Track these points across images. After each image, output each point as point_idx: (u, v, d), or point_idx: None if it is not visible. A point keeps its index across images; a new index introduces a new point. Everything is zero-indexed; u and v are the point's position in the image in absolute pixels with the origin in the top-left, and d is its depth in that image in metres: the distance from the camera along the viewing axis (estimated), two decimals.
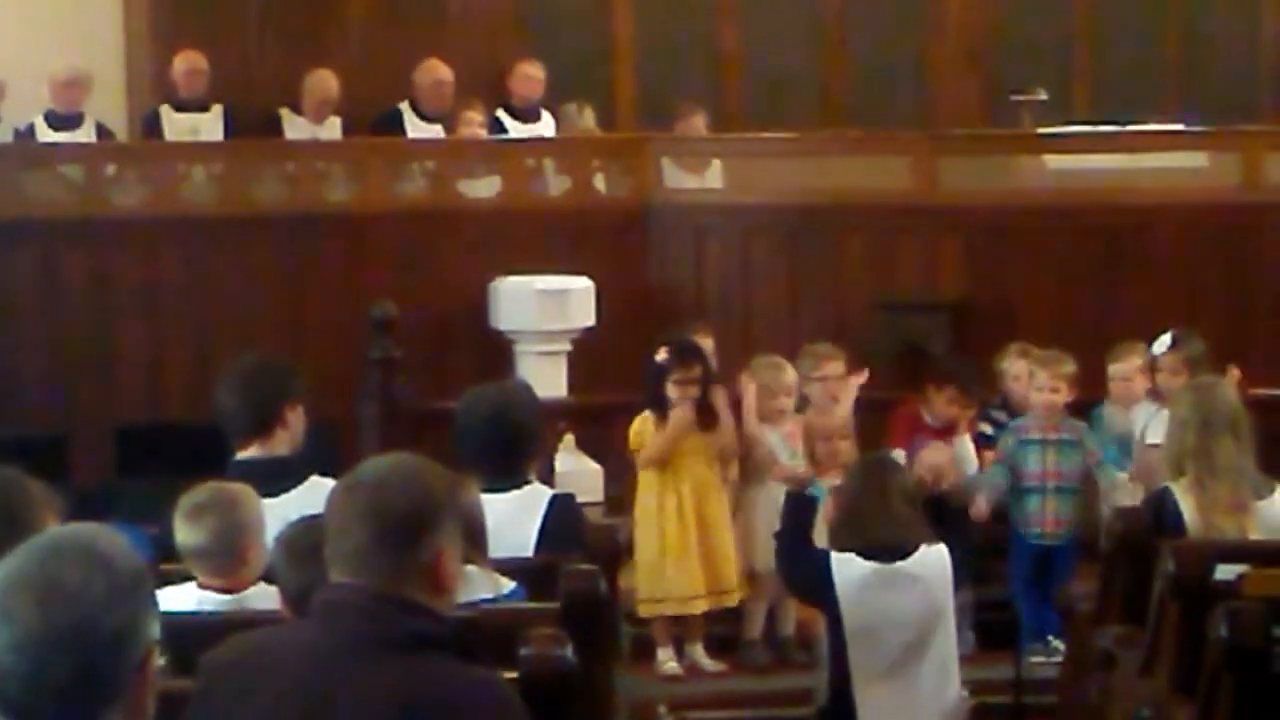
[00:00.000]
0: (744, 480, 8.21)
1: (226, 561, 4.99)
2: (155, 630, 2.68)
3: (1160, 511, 6.30)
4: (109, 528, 2.92)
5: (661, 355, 7.92)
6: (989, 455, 8.59)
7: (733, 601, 8.13)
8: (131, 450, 9.90)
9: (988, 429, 8.70)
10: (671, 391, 7.91)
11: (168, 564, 5.20)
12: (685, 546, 7.97)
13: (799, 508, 6.43)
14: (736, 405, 8.14)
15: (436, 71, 11.71)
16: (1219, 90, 12.76)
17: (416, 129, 11.61)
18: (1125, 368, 8.61)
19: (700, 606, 8.08)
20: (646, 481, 8.08)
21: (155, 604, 2.70)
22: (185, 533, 5.01)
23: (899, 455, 7.81)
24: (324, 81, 11.63)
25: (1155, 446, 7.86)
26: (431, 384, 9.43)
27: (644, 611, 8.11)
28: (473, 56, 12.14)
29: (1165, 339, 8.52)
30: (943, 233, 10.83)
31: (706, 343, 8.35)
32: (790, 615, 8.26)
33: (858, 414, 8.42)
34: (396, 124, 11.63)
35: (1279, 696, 4.86)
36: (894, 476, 6.26)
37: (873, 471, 6.35)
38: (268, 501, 5.15)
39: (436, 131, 11.57)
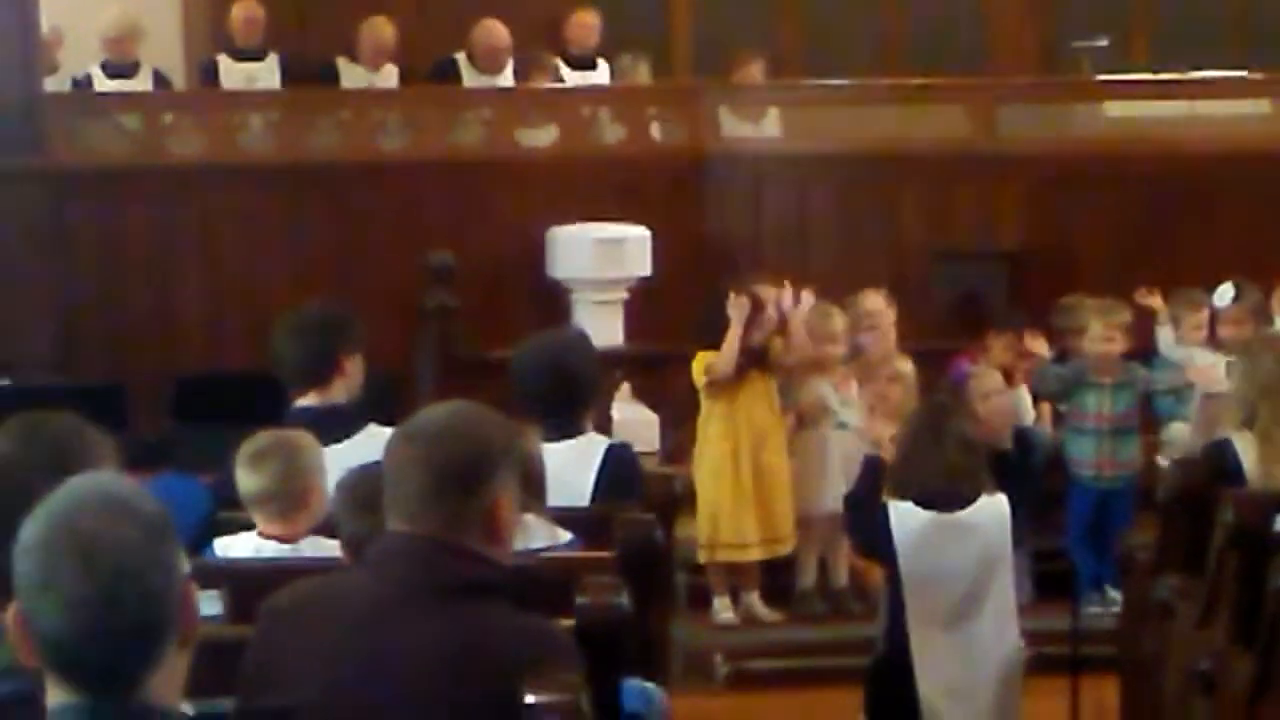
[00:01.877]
0: (797, 426, 8.20)
1: (288, 506, 5.01)
2: (186, 563, 2.70)
3: (1220, 462, 6.28)
4: (116, 474, 2.93)
5: (732, 302, 7.86)
6: (1046, 408, 8.58)
7: (786, 550, 8.13)
8: (190, 399, 9.93)
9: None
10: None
11: (226, 511, 5.23)
12: (741, 493, 7.98)
13: (871, 470, 6.39)
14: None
15: (492, 35, 11.59)
16: None
17: (472, 79, 11.58)
18: (1204, 317, 8.55)
19: (754, 554, 8.08)
20: (707, 430, 8.05)
21: (178, 537, 2.71)
22: (247, 478, 5.03)
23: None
24: (380, 29, 11.61)
25: (1221, 396, 7.86)
26: (488, 333, 9.43)
27: (702, 557, 8.11)
28: (529, 4, 12.10)
29: (1227, 290, 8.47)
30: (1001, 181, 10.78)
31: (775, 290, 8.23)
32: (844, 565, 8.26)
33: (917, 365, 8.39)
34: (453, 73, 11.61)
35: None
36: (949, 422, 6.20)
37: (927, 418, 6.31)
38: (325, 450, 5.17)
39: (493, 82, 11.54)
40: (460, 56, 11.66)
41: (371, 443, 5.02)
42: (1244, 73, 11.42)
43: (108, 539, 2.60)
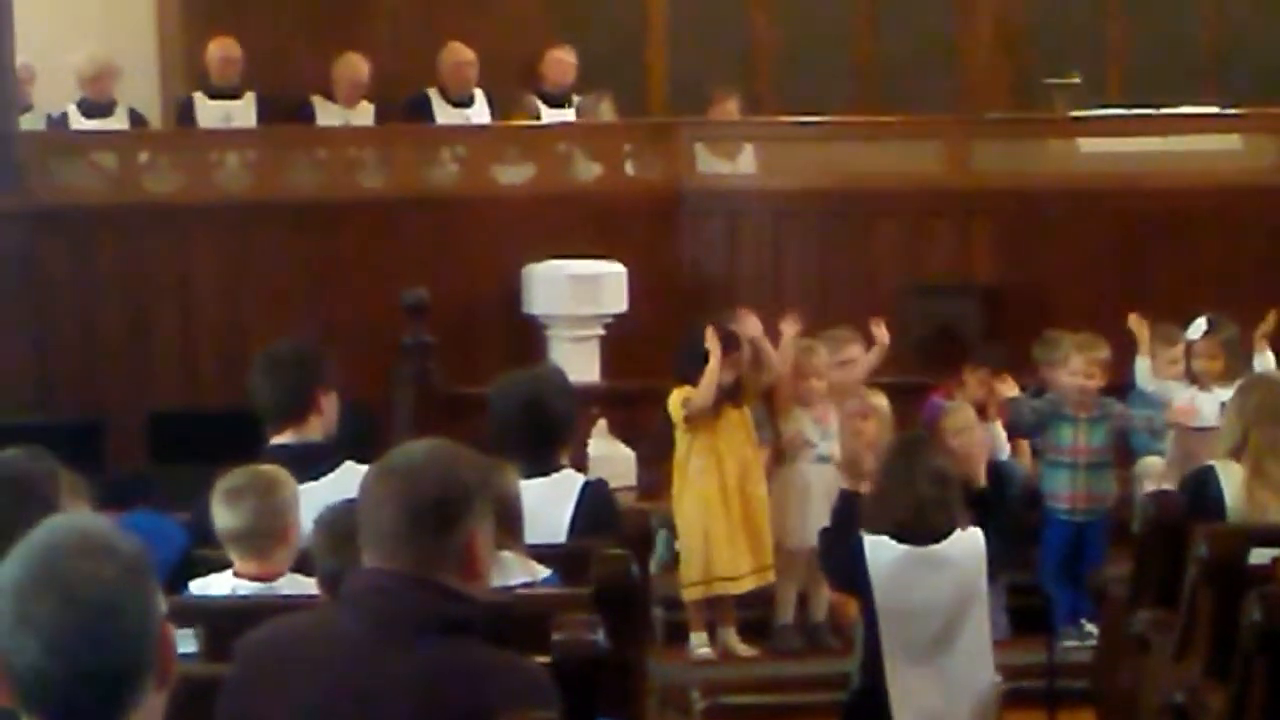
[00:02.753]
0: (775, 460, 8.22)
1: (266, 543, 5.01)
2: (163, 602, 2.71)
3: (1200, 491, 6.30)
4: (94, 514, 2.92)
5: (709, 339, 7.88)
6: (1024, 445, 8.60)
7: (772, 578, 8.14)
8: (165, 437, 9.92)
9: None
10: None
11: (201, 550, 5.23)
12: (733, 525, 7.99)
13: (846, 503, 6.40)
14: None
15: (458, 53, 11.72)
16: (1253, 72, 12.71)
17: (445, 114, 11.62)
18: (1179, 352, 8.59)
19: (747, 585, 8.09)
20: (688, 466, 8.05)
21: (156, 576, 2.71)
22: (224, 516, 5.03)
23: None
24: (354, 65, 11.65)
25: (1198, 431, 7.90)
26: (464, 370, 9.44)
27: (689, 596, 8.11)
28: (505, 41, 12.14)
29: (1200, 323, 8.50)
30: (975, 216, 10.82)
31: (752, 320, 8.25)
32: (823, 600, 8.27)
33: (891, 399, 8.41)
34: (425, 109, 11.64)
35: None
36: (921, 457, 6.22)
37: (900, 452, 6.33)
38: (302, 487, 5.17)
39: (465, 116, 11.59)
40: (432, 91, 11.69)
41: (348, 479, 5.01)
42: (1216, 109, 11.47)
43: (87, 578, 2.60)
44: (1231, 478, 6.31)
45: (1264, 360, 8.49)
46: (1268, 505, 6.21)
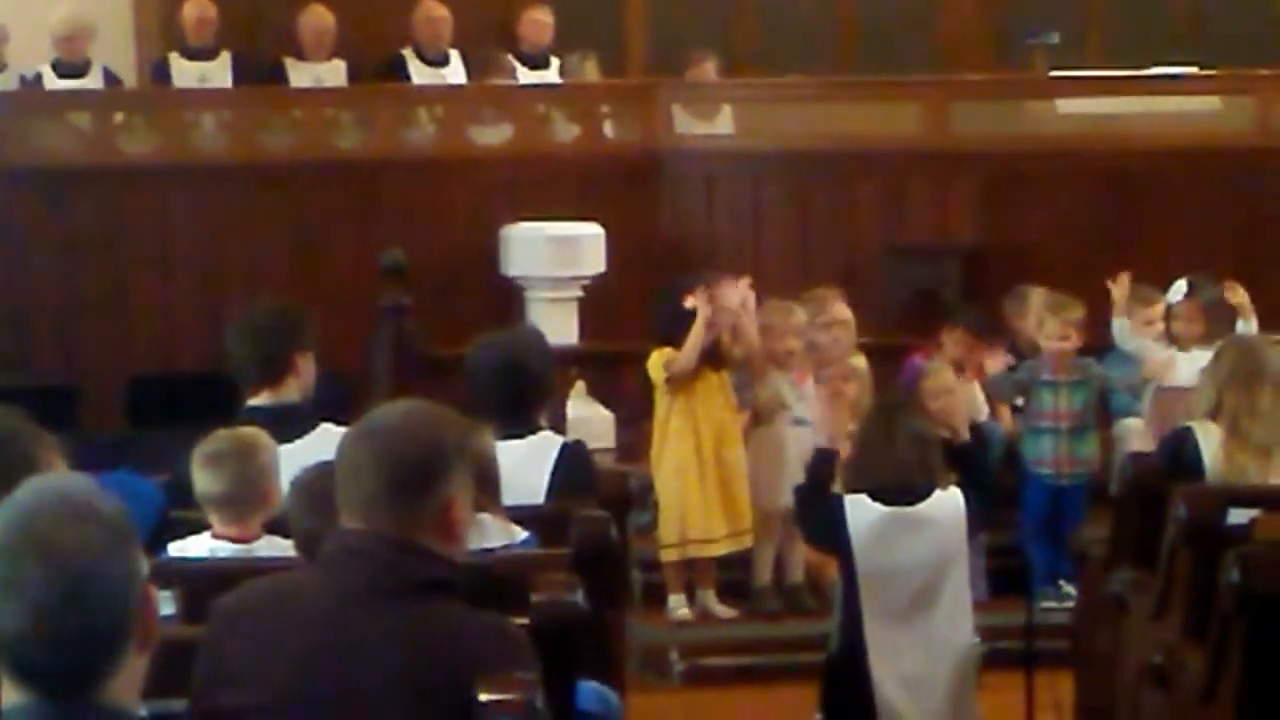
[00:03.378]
0: (751, 421, 8.21)
1: (245, 507, 4.99)
2: (145, 564, 2.69)
3: (1178, 451, 6.30)
4: (76, 474, 2.91)
5: (690, 302, 7.86)
6: (1004, 409, 8.60)
7: (749, 542, 8.14)
8: (143, 400, 9.90)
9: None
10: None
11: (179, 512, 5.21)
12: (708, 488, 7.98)
13: (822, 461, 6.40)
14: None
15: (430, 8, 11.64)
16: (1231, 34, 12.70)
17: (420, 74, 11.56)
18: (1155, 312, 8.59)
19: (722, 548, 8.08)
20: (668, 427, 8.04)
21: (138, 538, 2.70)
22: (204, 480, 5.01)
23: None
24: (318, 14, 11.56)
25: (1174, 390, 7.90)
26: (443, 331, 9.42)
27: (670, 556, 8.11)
28: (481, 1, 12.08)
29: (1181, 285, 8.51)
30: (954, 178, 10.81)
31: (732, 290, 8.22)
32: (799, 561, 8.28)
33: (871, 361, 8.41)
34: (400, 70, 11.58)
35: None
36: (900, 417, 6.21)
37: (879, 413, 6.33)
38: (280, 449, 5.15)
39: (441, 77, 11.53)
40: (407, 52, 11.63)
41: (325, 441, 5.00)
42: (1196, 69, 11.47)
43: (69, 540, 2.59)
44: (1209, 439, 6.31)
45: (1248, 326, 8.49)
46: (1246, 466, 6.22)
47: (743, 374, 8.20)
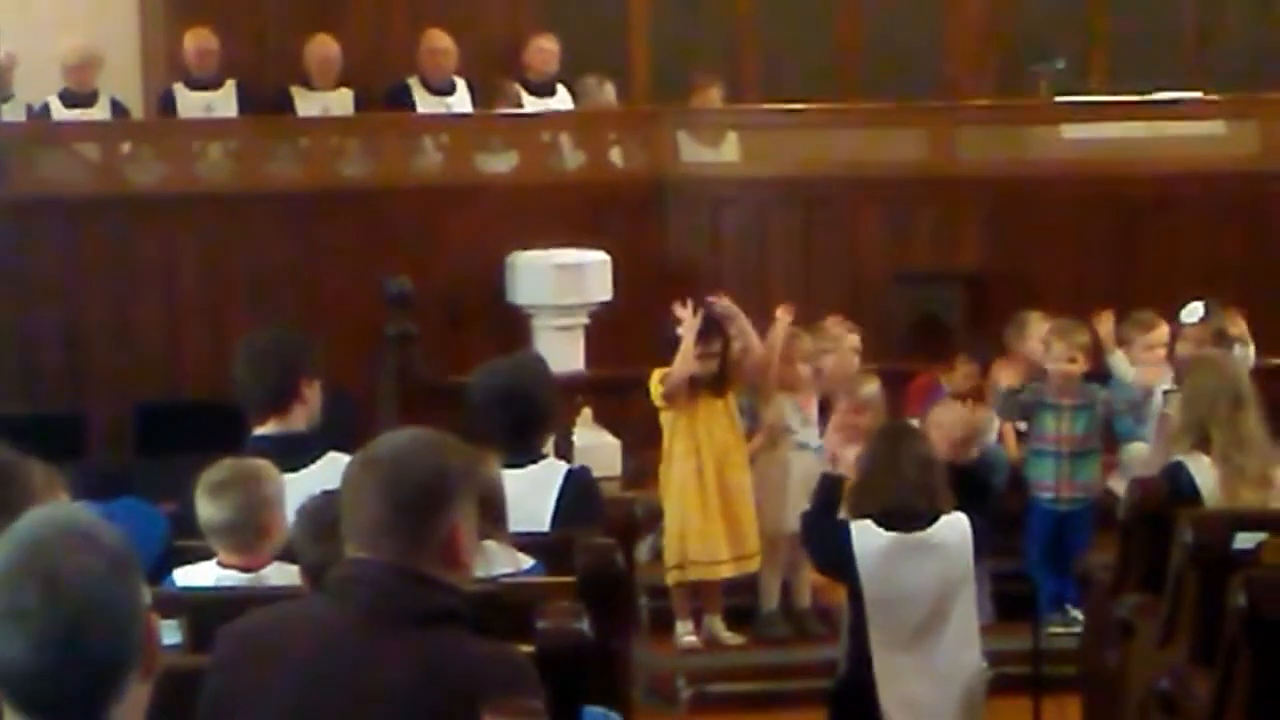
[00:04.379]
0: (758, 446, 8.21)
1: (250, 537, 4.99)
2: (147, 594, 2.70)
3: (1175, 485, 6.30)
4: (77, 504, 2.90)
5: (681, 313, 7.88)
6: (1009, 432, 8.61)
7: (755, 566, 8.13)
8: (150, 428, 9.92)
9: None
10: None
11: (185, 541, 5.21)
12: (709, 511, 7.98)
13: (828, 486, 6.41)
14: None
15: (433, 40, 11.68)
16: (1236, 58, 12.72)
17: (426, 103, 11.60)
18: (1154, 337, 8.59)
19: (725, 571, 8.07)
20: (673, 450, 8.05)
21: (140, 567, 2.70)
22: (208, 509, 5.01)
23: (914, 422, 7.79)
24: (324, 44, 11.61)
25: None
26: (448, 359, 9.43)
27: (672, 579, 8.10)
28: (487, 30, 12.13)
29: (1196, 308, 8.50)
30: (959, 204, 10.82)
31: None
32: (806, 587, 8.27)
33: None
34: (405, 98, 11.62)
35: None
36: (906, 443, 6.22)
37: (885, 439, 6.34)
38: (286, 477, 5.15)
39: (446, 105, 11.56)
40: (412, 80, 11.67)
41: (332, 469, 5.00)
42: (1200, 94, 11.48)
43: (72, 571, 2.58)
44: (1203, 472, 6.31)
45: (1245, 353, 8.49)
46: (1247, 499, 6.21)
47: (749, 400, 8.21)
